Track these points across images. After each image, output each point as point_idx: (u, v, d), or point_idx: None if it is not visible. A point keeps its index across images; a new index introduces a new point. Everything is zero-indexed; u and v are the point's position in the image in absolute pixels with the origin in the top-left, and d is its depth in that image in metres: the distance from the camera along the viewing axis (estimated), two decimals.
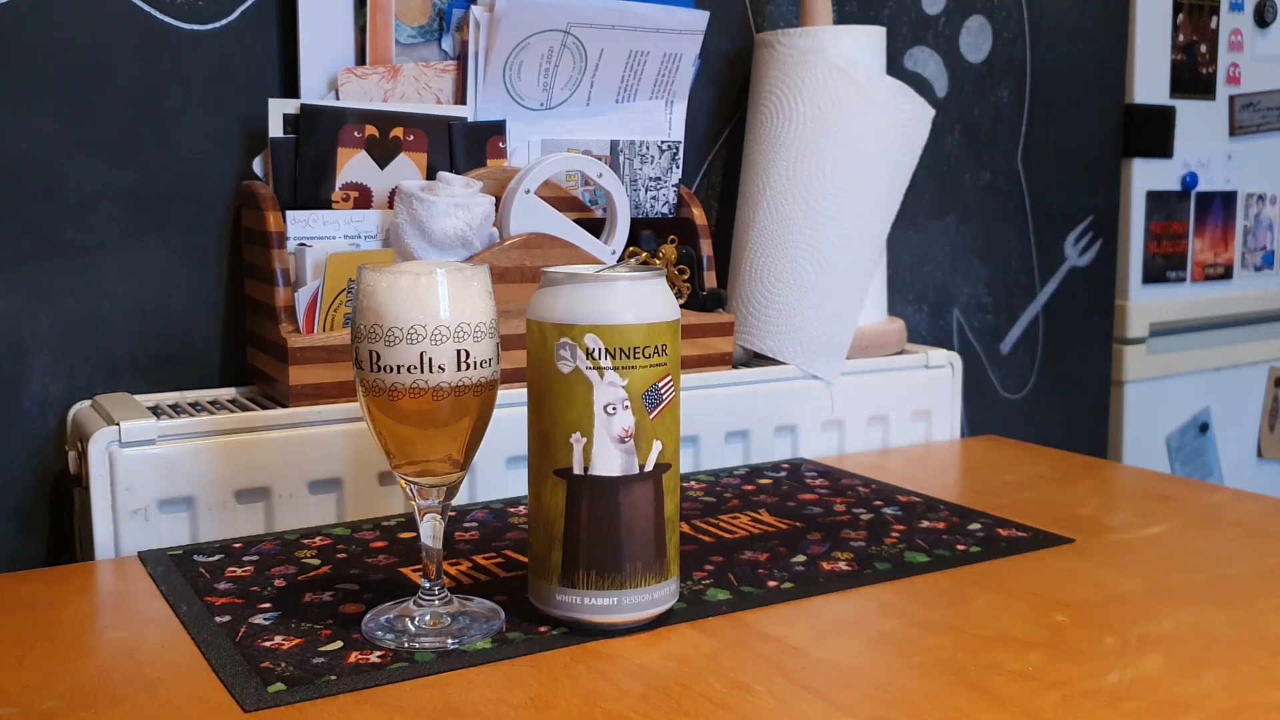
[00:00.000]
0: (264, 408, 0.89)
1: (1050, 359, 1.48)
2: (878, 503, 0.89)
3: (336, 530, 0.82)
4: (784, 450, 1.06)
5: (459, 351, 0.60)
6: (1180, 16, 1.56)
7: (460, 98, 0.99)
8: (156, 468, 0.81)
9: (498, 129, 1.00)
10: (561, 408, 0.61)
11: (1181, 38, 1.56)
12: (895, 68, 1.29)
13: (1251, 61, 1.64)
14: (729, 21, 1.19)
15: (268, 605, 0.68)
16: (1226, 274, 1.65)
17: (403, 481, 0.64)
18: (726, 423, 1.02)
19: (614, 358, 0.61)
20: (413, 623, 0.64)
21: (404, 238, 0.91)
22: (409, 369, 0.60)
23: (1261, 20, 1.64)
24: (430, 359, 0.60)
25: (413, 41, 0.99)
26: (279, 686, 0.57)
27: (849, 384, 1.09)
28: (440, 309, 0.60)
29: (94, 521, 0.80)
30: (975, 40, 1.37)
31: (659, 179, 1.09)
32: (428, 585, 0.65)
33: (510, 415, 0.91)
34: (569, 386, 0.61)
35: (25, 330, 0.90)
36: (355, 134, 0.94)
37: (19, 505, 0.91)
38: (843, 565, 0.75)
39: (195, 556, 0.77)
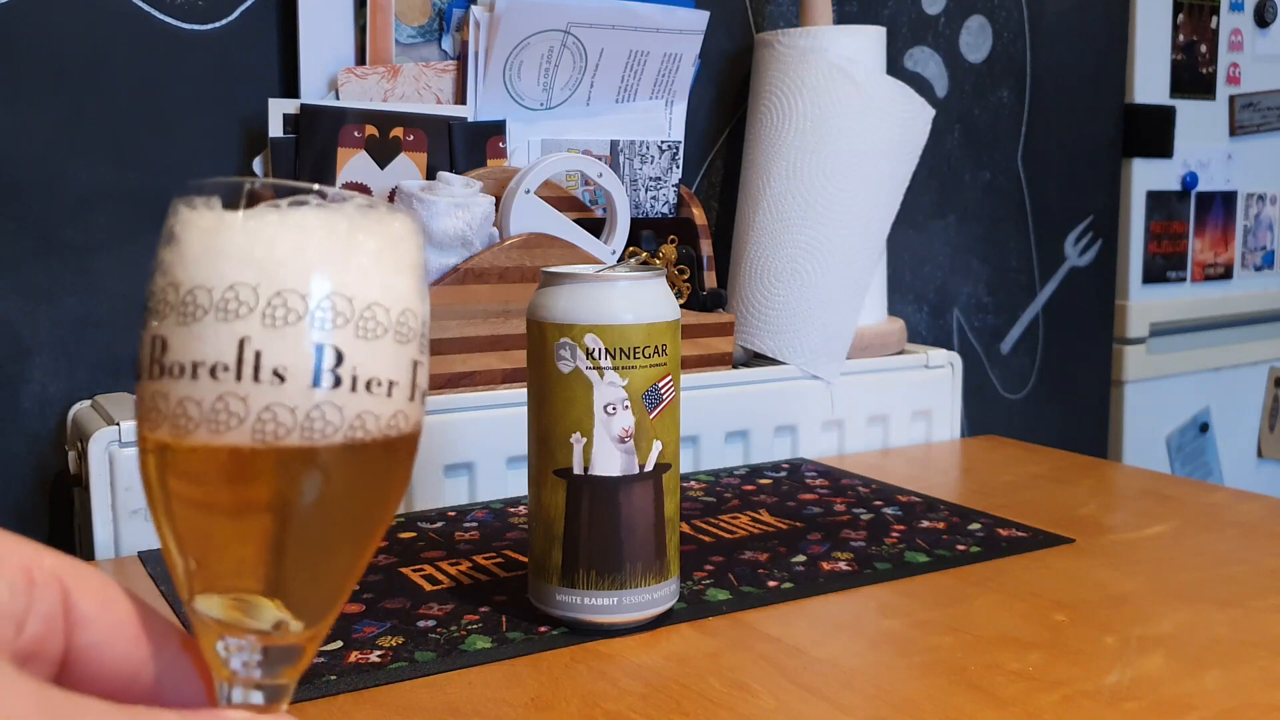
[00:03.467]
0: None
1: (1050, 359, 1.48)
2: (878, 503, 0.89)
3: None
4: (784, 450, 1.06)
5: (328, 349, 0.31)
6: (1180, 16, 1.56)
7: (460, 98, 0.99)
8: None
9: (498, 129, 1.00)
10: (561, 408, 0.61)
11: (1181, 37, 1.56)
12: (895, 68, 1.29)
13: (1252, 61, 1.64)
14: (729, 21, 1.19)
15: None
16: (1226, 274, 1.65)
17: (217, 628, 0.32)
18: (726, 423, 1.02)
19: (614, 358, 0.61)
20: None
21: None
22: (215, 370, 0.30)
23: (1261, 20, 1.64)
24: (260, 354, 0.30)
25: (413, 41, 0.99)
26: None
27: (849, 384, 1.09)
28: (309, 261, 0.31)
29: (94, 521, 0.80)
30: (975, 40, 1.37)
31: (659, 179, 1.09)
32: None
33: (510, 415, 0.91)
34: (569, 386, 0.61)
35: (25, 330, 0.90)
36: (355, 134, 0.94)
37: (19, 505, 0.91)
38: (843, 565, 0.75)
39: None
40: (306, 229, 0.31)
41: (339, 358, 0.31)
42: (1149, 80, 1.53)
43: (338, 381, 0.31)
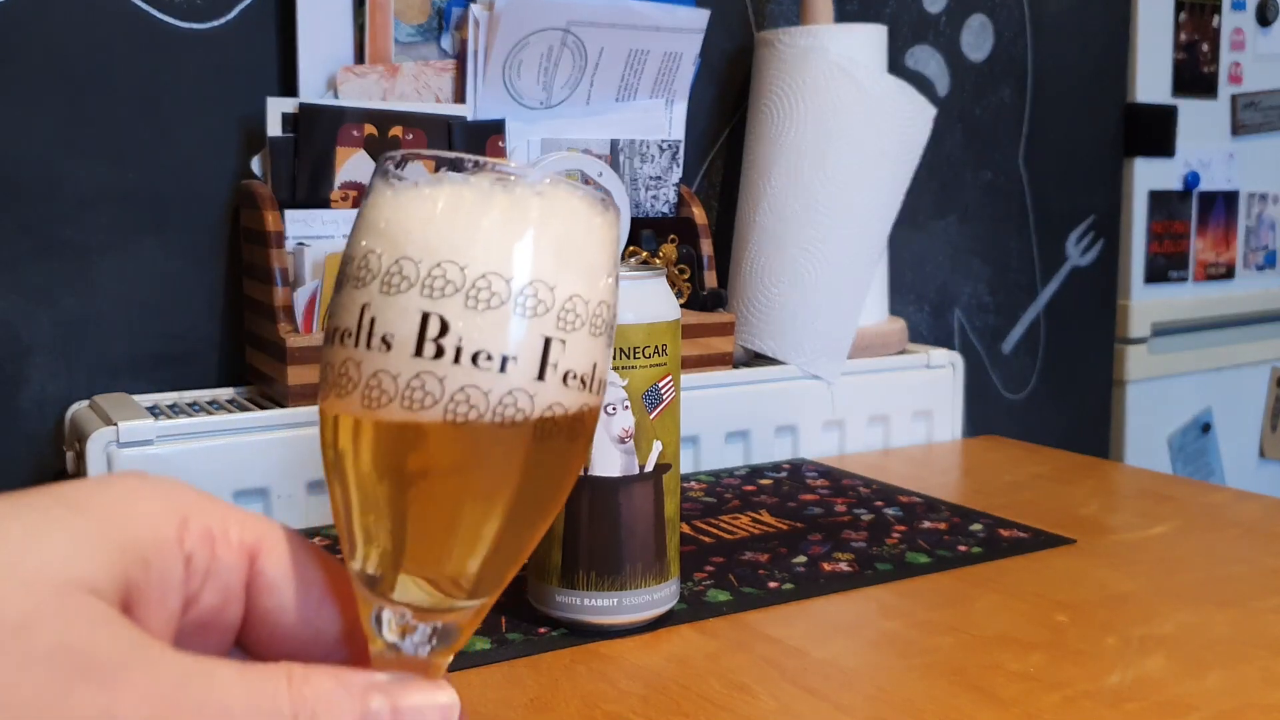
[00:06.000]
0: (262, 408, 0.89)
1: (1052, 359, 1.48)
2: (879, 503, 0.89)
3: (335, 532, 0.82)
4: (784, 450, 1.06)
5: (546, 341, 0.32)
6: (1182, 15, 1.55)
7: (460, 97, 0.99)
8: (155, 468, 0.81)
9: (497, 128, 1.00)
10: None
11: (1183, 37, 1.56)
12: (896, 66, 1.29)
13: (1253, 61, 1.64)
14: (729, 20, 1.18)
15: None
16: (1228, 274, 1.65)
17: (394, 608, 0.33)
18: (727, 423, 1.02)
19: (614, 357, 0.60)
20: None
21: None
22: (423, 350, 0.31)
23: (1263, 19, 1.64)
24: (470, 336, 0.31)
25: (412, 40, 0.99)
26: None
27: (850, 384, 1.09)
28: (528, 246, 0.32)
29: None
30: (976, 39, 1.36)
31: (659, 178, 1.08)
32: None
33: None
34: None
35: (25, 330, 0.90)
36: (354, 133, 0.93)
37: None
38: (843, 566, 0.74)
39: None
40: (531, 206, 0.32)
41: (545, 347, 0.32)
42: (1150, 79, 1.53)
43: (554, 371, 0.32)
